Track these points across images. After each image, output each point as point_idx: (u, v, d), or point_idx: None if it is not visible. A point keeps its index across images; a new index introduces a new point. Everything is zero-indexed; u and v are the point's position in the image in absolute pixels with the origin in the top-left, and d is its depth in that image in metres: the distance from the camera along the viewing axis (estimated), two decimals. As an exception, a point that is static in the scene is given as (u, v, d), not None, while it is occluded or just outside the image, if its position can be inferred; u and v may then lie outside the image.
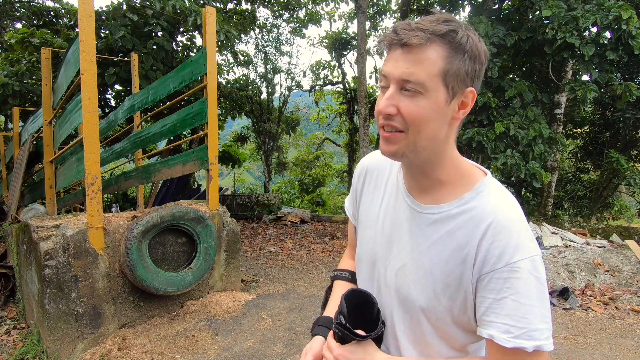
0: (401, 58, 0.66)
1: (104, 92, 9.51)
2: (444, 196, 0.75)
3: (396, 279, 0.79)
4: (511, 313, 0.65)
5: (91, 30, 2.76)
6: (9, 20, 10.79)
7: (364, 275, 0.90)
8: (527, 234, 0.67)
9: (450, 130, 0.72)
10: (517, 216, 0.68)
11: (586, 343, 3.21)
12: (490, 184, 0.74)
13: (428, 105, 0.66)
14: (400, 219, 0.81)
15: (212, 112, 3.54)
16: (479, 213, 0.70)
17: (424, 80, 0.64)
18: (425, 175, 0.75)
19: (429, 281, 0.74)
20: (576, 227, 7.73)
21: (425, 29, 0.64)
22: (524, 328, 0.64)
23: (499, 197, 0.71)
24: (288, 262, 6.07)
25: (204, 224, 3.37)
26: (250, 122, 16.59)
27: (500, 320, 0.66)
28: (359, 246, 0.93)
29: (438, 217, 0.74)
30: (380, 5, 14.47)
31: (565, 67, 8.02)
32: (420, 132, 0.67)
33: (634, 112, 9.25)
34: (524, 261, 0.65)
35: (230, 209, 10.47)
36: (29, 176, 6.22)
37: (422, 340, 0.79)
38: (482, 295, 0.68)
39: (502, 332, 0.66)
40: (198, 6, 7.63)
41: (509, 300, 0.65)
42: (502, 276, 0.65)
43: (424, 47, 0.64)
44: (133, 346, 2.77)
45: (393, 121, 0.68)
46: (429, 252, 0.74)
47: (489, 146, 6.91)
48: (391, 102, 0.67)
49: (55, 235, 2.69)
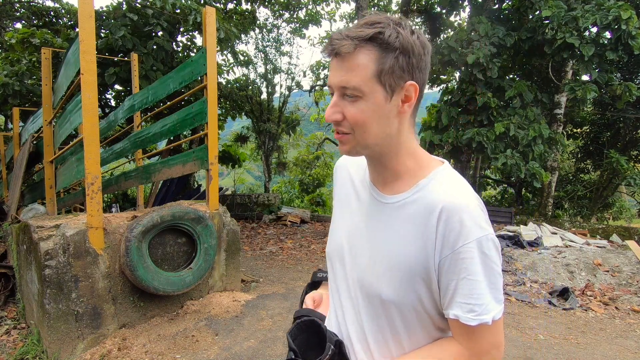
0: (337, 67, 0.70)
1: (104, 92, 9.51)
2: (403, 186, 0.78)
3: (363, 274, 0.80)
4: (471, 292, 0.69)
5: (91, 30, 2.76)
6: (9, 20, 10.79)
7: (333, 273, 0.91)
8: (479, 216, 0.70)
9: (402, 124, 0.75)
10: (469, 200, 0.71)
11: (586, 343, 3.21)
12: (444, 172, 0.77)
13: (368, 107, 0.70)
14: (367, 213, 0.83)
15: (212, 112, 3.54)
16: (433, 199, 0.73)
17: (360, 85, 0.68)
18: (385, 167, 0.79)
19: (395, 273, 0.75)
20: (576, 227, 7.73)
21: (352, 36, 0.67)
22: (482, 305, 0.69)
23: (451, 184, 0.74)
24: (288, 262, 6.07)
25: (204, 224, 3.37)
26: (250, 122, 16.59)
27: (464, 300, 0.70)
28: (328, 243, 0.95)
29: (398, 205, 0.77)
30: (380, 5, 14.47)
31: (565, 67, 8.02)
32: (366, 131, 0.71)
33: (634, 112, 9.25)
34: (476, 242, 0.68)
35: (230, 209, 10.47)
36: (29, 176, 6.22)
37: (394, 337, 0.79)
38: (447, 278, 0.71)
39: (466, 311, 0.69)
40: (198, 5, 7.64)
41: (467, 280, 0.69)
42: (460, 257, 0.69)
43: (354, 54, 0.68)
44: (133, 346, 2.77)
45: (341, 126, 0.73)
46: (392, 242, 0.76)
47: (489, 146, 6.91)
48: (336, 110, 0.72)
49: (55, 235, 2.69)
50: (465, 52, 7.36)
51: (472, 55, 6.93)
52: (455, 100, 8.21)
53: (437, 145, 8.44)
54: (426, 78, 0.74)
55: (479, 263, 0.68)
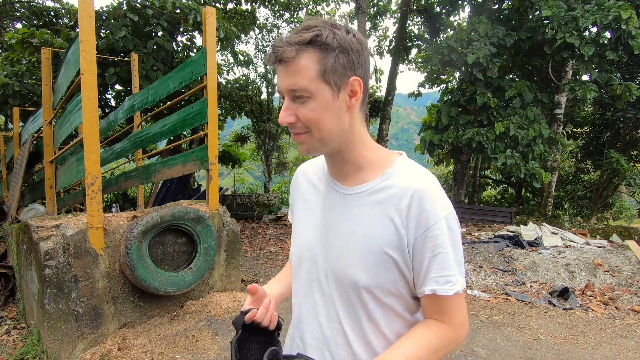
0: (283, 72, 0.74)
1: (104, 92, 9.52)
2: (366, 176, 0.82)
3: (336, 264, 0.83)
4: (444, 265, 0.75)
5: (91, 30, 2.76)
6: (9, 20, 10.80)
7: (301, 276, 0.93)
8: (444, 198, 0.78)
9: (353, 117, 0.79)
10: (434, 184, 0.79)
11: (586, 343, 3.21)
12: (407, 161, 0.84)
13: (318, 106, 0.74)
14: (332, 207, 0.86)
15: (212, 112, 3.54)
16: (403, 185, 0.78)
17: (306, 86, 0.72)
18: (345, 161, 0.83)
19: (369, 258, 0.79)
20: (576, 227, 7.73)
21: (293, 42, 0.72)
22: (454, 275, 0.75)
23: (415, 171, 0.81)
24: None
25: (204, 224, 3.37)
26: (250, 122, 16.59)
27: (438, 274, 0.75)
28: (293, 247, 0.97)
29: (364, 194, 0.81)
30: (380, 5, 14.47)
31: (565, 67, 8.02)
32: (321, 128, 0.76)
33: (634, 112, 9.25)
34: (444, 219, 0.75)
35: (230, 209, 10.47)
36: (29, 176, 6.22)
37: (370, 324, 0.82)
38: (421, 255, 0.76)
39: (442, 283, 0.75)
40: (198, 5, 7.64)
41: (440, 254, 0.75)
42: (433, 233, 0.75)
43: (297, 58, 0.72)
44: (133, 346, 2.77)
45: (296, 128, 0.77)
46: (363, 229, 0.80)
47: (489, 146, 6.91)
48: (288, 113, 0.76)
49: (55, 235, 2.69)
50: (465, 52, 7.36)
51: (472, 55, 6.92)
52: (455, 100, 8.21)
53: (437, 145, 8.45)
54: (368, 73, 0.79)
55: (448, 238, 0.75)
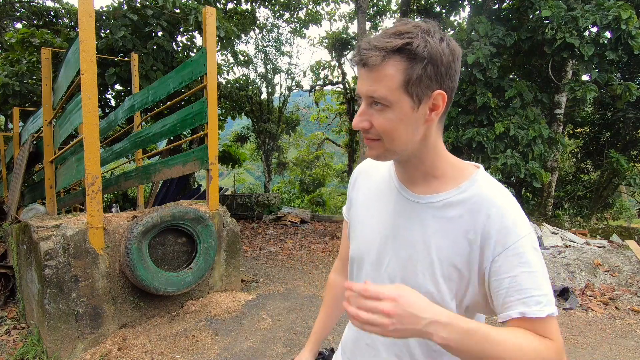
0: (365, 76, 0.71)
1: (104, 92, 9.51)
2: (440, 186, 0.80)
3: (404, 271, 0.81)
4: (531, 286, 0.69)
5: (91, 30, 2.76)
6: (9, 20, 10.79)
7: (360, 276, 0.90)
8: (524, 217, 0.75)
9: (429, 131, 0.76)
10: (513, 200, 0.76)
11: (586, 343, 3.21)
12: (484, 175, 0.80)
13: (395, 116, 0.71)
14: (400, 213, 0.83)
15: (212, 112, 3.54)
16: (480, 200, 0.75)
17: (386, 95, 0.70)
18: (416, 168, 0.81)
19: (437, 268, 0.77)
20: (576, 227, 7.73)
21: (380, 47, 0.68)
22: (546, 295, 0.69)
23: (494, 185, 0.78)
24: (288, 262, 6.07)
25: (204, 224, 3.37)
26: (250, 122, 16.59)
27: (525, 295, 0.69)
28: (353, 246, 0.94)
29: (437, 205, 0.79)
30: (380, 5, 14.47)
31: (565, 67, 8.01)
32: (394, 139, 0.74)
33: (634, 112, 9.25)
34: (527, 237, 0.71)
35: (230, 209, 10.47)
36: (29, 176, 6.22)
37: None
38: (499, 278, 0.71)
39: (532, 304, 0.69)
40: (198, 4, 7.64)
41: (525, 274, 0.69)
42: (514, 253, 0.70)
43: (382, 65, 0.69)
44: (133, 346, 2.77)
45: (369, 133, 0.75)
46: (434, 239, 0.77)
47: (489, 146, 6.91)
48: (363, 118, 0.74)
49: (55, 235, 2.69)
50: (465, 52, 7.36)
51: (472, 55, 6.92)
52: (455, 100, 8.20)
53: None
54: (456, 84, 0.75)
55: (534, 256, 0.70)
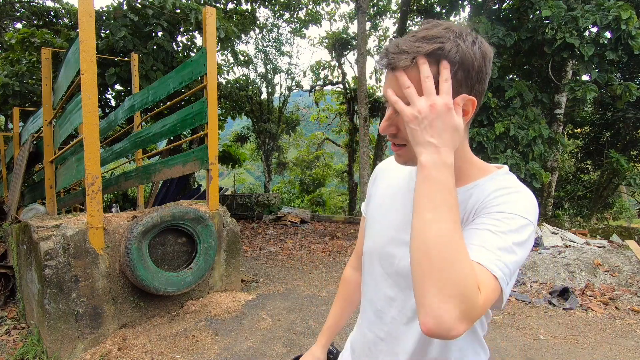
0: (391, 80, 0.68)
1: (104, 92, 9.51)
2: (458, 184, 0.76)
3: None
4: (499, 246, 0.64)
5: (91, 30, 2.76)
6: (9, 20, 10.79)
7: (373, 269, 0.91)
8: (533, 205, 0.68)
9: None
10: (529, 192, 0.70)
11: (586, 343, 3.21)
12: (506, 174, 0.77)
13: None
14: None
15: (212, 112, 3.54)
16: (492, 183, 0.73)
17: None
18: None
19: None
20: (576, 227, 7.73)
21: (411, 50, 0.65)
22: (506, 265, 0.64)
23: (514, 179, 0.74)
24: (288, 262, 6.07)
25: (204, 224, 3.37)
26: (250, 122, 16.60)
27: (487, 246, 0.64)
28: (371, 242, 0.94)
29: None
30: (380, 5, 14.47)
31: (565, 67, 8.01)
32: None
33: (634, 112, 9.25)
34: (523, 219, 0.66)
35: (231, 209, 10.47)
36: (29, 176, 6.22)
37: None
38: (471, 227, 0.68)
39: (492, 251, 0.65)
40: (198, 5, 7.64)
41: (499, 236, 0.64)
42: (502, 217, 0.66)
43: (412, 69, 0.65)
44: (133, 346, 2.77)
45: (396, 138, 0.73)
46: None
47: (489, 146, 6.91)
48: (390, 123, 0.72)
49: (55, 235, 2.69)
50: (465, 52, 7.32)
51: (472, 55, 6.92)
52: (455, 100, 8.17)
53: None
54: (486, 86, 0.72)
55: (508, 227, 0.64)
